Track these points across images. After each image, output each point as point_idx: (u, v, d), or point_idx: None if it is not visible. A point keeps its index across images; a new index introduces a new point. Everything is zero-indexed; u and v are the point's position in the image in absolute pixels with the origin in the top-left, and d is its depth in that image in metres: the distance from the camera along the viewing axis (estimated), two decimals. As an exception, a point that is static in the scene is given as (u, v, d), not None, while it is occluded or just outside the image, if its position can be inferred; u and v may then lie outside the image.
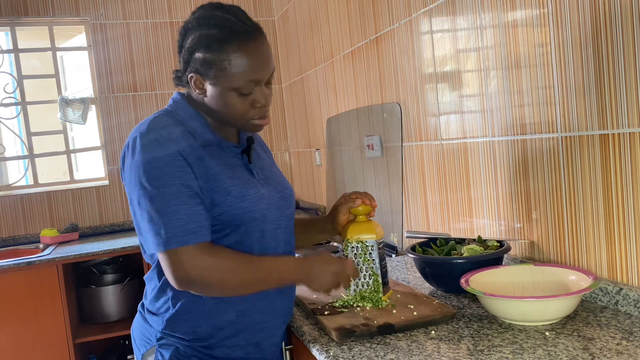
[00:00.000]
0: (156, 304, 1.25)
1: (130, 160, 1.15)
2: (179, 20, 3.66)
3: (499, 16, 1.57)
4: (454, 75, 1.83)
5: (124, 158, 1.19)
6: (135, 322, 1.35)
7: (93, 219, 3.53)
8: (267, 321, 1.27)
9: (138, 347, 1.30)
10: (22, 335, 2.78)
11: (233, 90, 1.16)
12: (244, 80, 1.15)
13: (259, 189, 1.23)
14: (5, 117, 3.51)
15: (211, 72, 1.15)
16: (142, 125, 1.20)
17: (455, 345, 1.14)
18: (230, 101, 1.17)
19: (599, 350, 1.04)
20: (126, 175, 1.17)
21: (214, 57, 1.13)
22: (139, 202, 1.13)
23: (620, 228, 1.26)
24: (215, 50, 1.13)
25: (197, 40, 1.15)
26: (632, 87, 1.18)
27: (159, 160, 1.12)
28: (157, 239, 1.11)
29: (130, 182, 1.15)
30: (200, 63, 1.15)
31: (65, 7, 3.46)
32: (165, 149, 1.13)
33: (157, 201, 1.11)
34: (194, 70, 1.17)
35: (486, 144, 1.69)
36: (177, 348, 1.22)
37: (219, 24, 1.14)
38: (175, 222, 1.10)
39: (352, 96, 2.66)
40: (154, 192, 1.11)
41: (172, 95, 1.29)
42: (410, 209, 2.20)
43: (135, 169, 1.14)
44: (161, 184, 1.11)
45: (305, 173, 3.59)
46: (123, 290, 3.11)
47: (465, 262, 1.43)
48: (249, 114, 1.20)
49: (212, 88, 1.17)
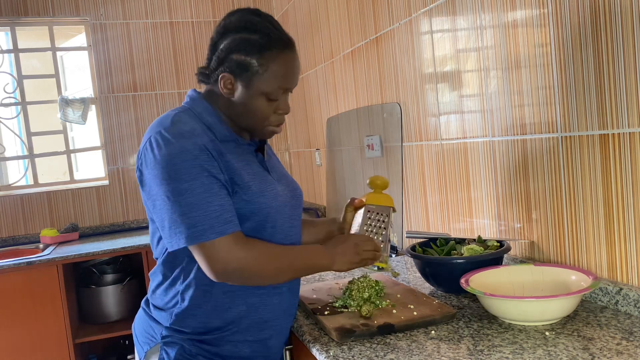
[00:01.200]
0: (164, 298, 1.24)
1: (155, 155, 1.14)
2: (179, 20, 3.66)
3: (499, 16, 1.57)
4: (454, 75, 1.83)
5: (143, 155, 1.18)
6: (138, 319, 1.33)
7: (93, 219, 3.53)
8: (276, 318, 1.27)
9: (141, 344, 1.28)
10: (22, 335, 2.78)
11: (263, 94, 1.20)
12: (276, 86, 1.20)
13: (275, 185, 1.26)
14: (5, 117, 3.51)
15: (246, 75, 1.19)
16: (163, 121, 1.19)
17: (455, 345, 1.14)
18: (257, 105, 1.21)
19: (599, 350, 1.04)
20: (149, 172, 1.16)
21: (252, 61, 1.18)
22: (167, 196, 1.12)
23: (620, 228, 1.26)
24: (254, 54, 1.17)
25: (237, 43, 1.18)
26: (632, 87, 1.18)
27: (186, 154, 1.12)
28: (191, 231, 1.10)
29: (156, 177, 1.14)
30: (236, 64, 1.18)
31: (65, 7, 3.46)
32: (191, 142, 1.13)
33: (189, 194, 1.10)
34: (228, 70, 1.20)
35: (486, 144, 1.69)
36: (182, 346, 1.21)
37: (259, 30, 1.19)
38: (211, 213, 1.10)
39: (352, 96, 2.66)
40: (185, 185, 1.11)
41: (187, 93, 1.30)
42: (410, 209, 2.20)
43: (161, 163, 1.13)
44: (191, 176, 1.11)
45: (305, 173, 3.59)
46: (123, 290, 3.11)
47: (465, 262, 1.43)
48: (270, 119, 1.24)
49: (243, 90, 1.20)
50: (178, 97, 3.68)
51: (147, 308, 1.30)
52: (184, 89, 3.69)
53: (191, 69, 3.70)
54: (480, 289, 1.27)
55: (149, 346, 1.25)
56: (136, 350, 1.32)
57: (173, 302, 1.22)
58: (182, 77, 3.68)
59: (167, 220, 1.13)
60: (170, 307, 1.23)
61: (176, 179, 1.11)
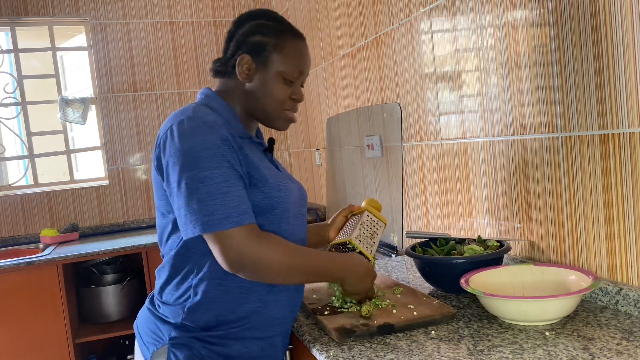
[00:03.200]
0: (175, 292, 1.22)
1: (176, 143, 1.14)
2: (179, 20, 3.66)
3: (499, 16, 1.57)
4: (454, 75, 1.83)
5: (162, 143, 1.17)
6: (142, 318, 1.31)
7: (93, 219, 3.54)
8: (284, 316, 1.27)
9: (146, 344, 1.26)
10: (22, 335, 2.78)
11: (280, 75, 1.25)
12: (293, 66, 1.26)
13: (288, 182, 1.28)
14: (5, 117, 3.51)
15: (263, 54, 1.24)
16: (184, 111, 1.19)
17: (455, 345, 1.14)
18: (274, 86, 1.25)
19: (599, 350, 1.04)
20: (169, 159, 1.15)
21: (270, 40, 1.24)
22: (186, 184, 1.11)
23: (620, 228, 1.26)
24: (271, 35, 1.25)
25: (254, 27, 1.26)
26: (632, 87, 1.18)
27: (208, 142, 1.12)
28: (208, 219, 1.09)
29: (176, 164, 1.13)
30: (254, 45, 1.25)
31: (65, 7, 3.46)
32: (214, 132, 1.14)
33: (208, 182, 1.10)
34: (247, 51, 1.25)
35: (486, 144, 1.69)
36: (191, 348, 1.19)
37: (274, 18, 1.28)
38: (228, 203, 1.10)
39: (352, 96, 2.66)
40: (205, 173, 1.10)
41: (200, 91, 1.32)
42: (410, 209, 2.20)
43: (182, 151, 1.12)
44: (212, 165, 1.11)
45: (305, 173, 3.59)
46: (123, 290, 3.11)
47: (465, 262, 1.43)
48: (286, 104, 1.28)
49: (261, 71, 1.25)
50: (178, 97, 3.68)
51: (152, 307, 1.28)
52: (184, 89, 3.69)
53: (191, 69, 3.70)
54: (480, 289, 1.27)
55: (156, 347, 1.22)
56: (139, 350, 1.28)
57: (185, 296, 1.21)
58: (182, 77, 3.68)
59: (184, 208, 1.12)
60: (181, 301, 1.21)
61: (196, 167, 1.11)
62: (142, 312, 1.33)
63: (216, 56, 3.72)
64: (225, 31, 1.34)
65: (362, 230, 1.42)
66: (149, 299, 1.32)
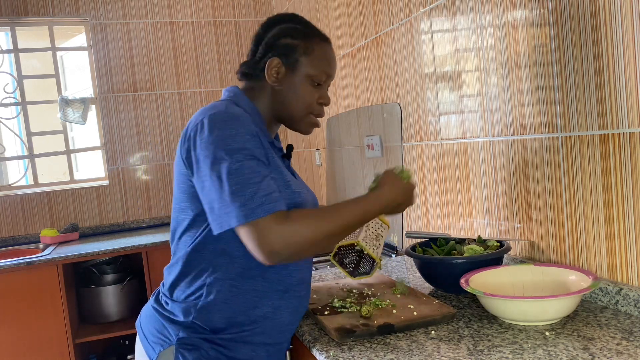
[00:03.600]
0: (187, 290, 1.21)
1: (208, 136, 1.13)
2: (179, 20, 3.66)
3: (499, 16, 1.57)
4: (454, 75, 1.83)
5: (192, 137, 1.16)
6: (147, 317, 1.29)
7: (93, 219, 3.53)
8: (292, 322, 1.27)
9: (151, 344, 1.24)
10: (22, 335, 2.78)
11: (308, 77, 1.26)
12: (321, 69, 1.27)
13: (305, 187, 1.29)
14: (5, 117, 3.51)
15: (293, 57, 1.26)
16: (215, 106, 1.19)
17: (455, 345, 1.14)
18: (302, 89, 1.27)
19: (599, 350, 1.04)
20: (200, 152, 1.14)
21: (300, 43, 1.26)
22: (217, 176, 1.10)
23: (620, 228, 1.26)
24: (301, 38, 1.27)
25: (283, 30, 1.27)
26: (632, 87, 1.18)
27: (239, 136, 1.13)
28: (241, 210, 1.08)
29: (207, 157, 1.12)
30: (284, 48, 1.26)
31: (65, 7, 3.46)
32: (244, 127, 1.14)
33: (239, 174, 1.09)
34: (277, 54, 1.26)
35: (486, 144, 1.69)
36: (199, 349, 1.18)
37: (302, 22, 1.31)
38: (260, 192, 1.09)
39: (352, 96, 2.66)
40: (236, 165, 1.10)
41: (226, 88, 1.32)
42: (410, 209, 2.20)
43: (214, 144, 1.12)
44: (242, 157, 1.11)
45: (305, 173, 3.59)
46: (123, 290, 3.11)
47: (465, 262, 1.43)
48: (313, 107, 1.29)
49: (290, 74, 1.26)
50: (178, 97, 3.68)
51: (158, 306, 1.26)
52: (184, 89, 3.69)
53: (191, 69, 3.70)
54: (480, 289, 1.27)
55: (162, 347, 1.21)
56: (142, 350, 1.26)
57: (197, 294, 1.20)
58: (182, 77, 3.68)
59: (217, 201, 1.10)
60: (193, 299, 1.20)
61: (231, 158, 1.10)
62: (146, 310, 1.31)
63: (216, 56, 3.73)
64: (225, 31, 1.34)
65: (367, 232, 1.43)
66: (154, 297, 1.30)
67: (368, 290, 1.52)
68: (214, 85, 3.74)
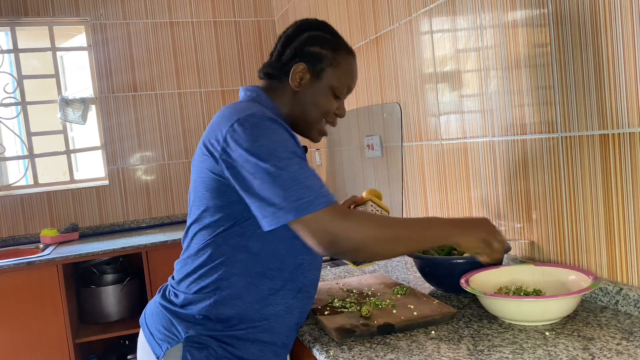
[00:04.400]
0: (202, 282, 1.20)
1: (248, 135, 1.12)
2: (179, 20, 3.66)
3: (499, 16, 1.57)
4: (454, 75, 1.83)
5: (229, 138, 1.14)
6: (152, 314, 1.28)
7: (93, 219, 3.53)
8: (299, 322, 1.28)
9: (157, 342, 1.23)
10: (22, 335, 2.78)
11: (330, 88, 1.29)
12: (343, 82, 1.30)
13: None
14: (5, 117, 3.51)
15: (320, 66, 1.28)
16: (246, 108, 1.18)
17: (455, 345, 1.14)
18: (323, 98, 1.29)
19: (599, 350, 1.04)
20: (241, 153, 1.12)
21: (327, 54, 1.29)
22: (267, 173, 1.09)
23: (620, 228, 1.26)
24: (329, 49, 1.29)
25: (314, 38, 1.29)
26: (632, 87, 1.18)
27: (279, 133, 1.14)
28: (298, 203, 1.07)
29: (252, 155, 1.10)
30: (311, 55, 1.28)
31: (65, 7, 3.46)
32: (281, 126, 1.16)
33: (290, 169, 1.09)
34: (304, 60, 1.27)
35: (486, 144, 1.69)
36: (207, 348, 1.18)
37: (332, 33, 1.33)
38: (312, 185, 1.09)
39: (352, 96, 2.66)
40: (284, 161, 1.10)
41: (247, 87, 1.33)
42: (410, 209, 2.20)
43: (257, 142, 1.11)
44: (288, 154, 1.11)
45: (305, 173, 3.59)
46: (123, 290, 3.11)
47: (465, 262, 1.43)
48: (329, 117, 1.32)
49: (312, 81, 1.28)
50: (178, 97, 3.68)
51: (166, 302, 1.25)
52: (184, 89, 3.69)
53: (191, 69, 3.70)
54: (480, 289, 1.27)
55: (170, 345, 1.20)
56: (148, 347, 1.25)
57: (212, 287, 1.19)
58: (182, 77, 3.68)
59: (269, 198, 1.09)
60: (208, 291, 1.19)
61: (274, 156, 1.10)
62: (152, 307, 1.29)
63: (216, 56, 3.73)
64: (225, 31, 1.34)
65: None
66: (161, 293, 1.30)
67: (368, 290, 1.52)
68: (214, 85, 3.74)
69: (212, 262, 1.20)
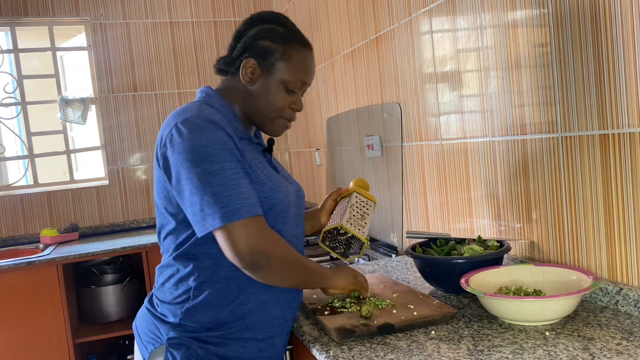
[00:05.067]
0: (175, 291, 1.22)
1: (185, 139, 1.13)
2: (179, 20, 3.66)
3: (499, 16, 1.57)
4: (454, 75, 1.83)
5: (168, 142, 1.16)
6: (141, 318, 1.31)
7: (93, 219, 3.54)
8: (284, 316, 1.27)
9: (144, 344, 1.26)
10: (22, 335, 2.78)
11: (282, 83, 1.25)
12: (296, 76, 1.25)
13: (285, 183, 1.28)
14: (5, 117, 3.51)
15: (269, 60, 1.24)
16: (188, 109, 1.19)
17: (455, 345, 1.14)
18: (275, 93, 1.25)
19: (599, 350, 1.04)
20: (177, 157, 1.13)
21: (278, 48, 1.24)
22: (198, 178, 1.10)
23: (620, 228, 1.26)
24: (280, 42, 1.24)
25: (264, 31, 1.25)
26: (632, 87, 1.18)
27: (216, 138, 1.13)
28: (225, 210, 1.08)
29: (185, 160, 1.12)
30: (261, 50, 1.24)
31: (65, 7, 3.46)
32: (220, 129, 1.15)
33: (220, 175, 1.10)
34: (253, 55, 1.24)
35: (486, 144, 1.69)
36: (188, 348, 1.19)
37: (285, 25, 1.27)
38: (242, 193, 1.11)
39: (352, 96, 2.66)
40: (216, 166, 1.11)
41: (200, 89, 1.32)
42: (410, 209, 2.20)
43: (191, 147, 1.12)
44: (222, 158, 1.12)
45: (305, 173, 3.59)
46: (123, 290, 3.11)
47: (465, 262, 1.43)
48: (285, 113, 1.28)
49: (265, 76, 1.25)
50: (178, 97, 3.68)
51: (151, 307, 1.28)
52: (184, 89, 3.69)
53: (191, 69, 3.70)
54: (480, 289, 1.27)
55: (154, 346, 1.23)
56: (138, 350, 1.29)
57: (184, 297, 1.21)
58: (182, 77, 3.68)
59: (198, 203, 1.11)
60: (180, 301, 1.21)
61: (207, 161, 1.11)
62: (141, 312, 1.33)
63: (216, 56, 3.72)
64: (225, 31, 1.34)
65: (352, 212, 1.43)
66: (148, 298, 1.32)
67: (368, 290, 1.52)
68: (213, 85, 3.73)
69: (181, 272, 1.22)
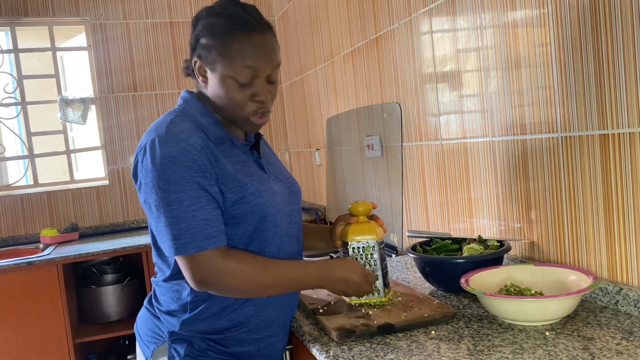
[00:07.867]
0: (171, 305, 1.23)
1: (148, 163, 1.12)
2: (179, 20, 3.66)
3: (499, 16, 1.57)
4: (454, 75, 1.83)
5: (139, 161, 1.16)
6: (142, 319, 1.32)
7: (93, 219, 3.53)
8: (281, 315, 1.28)
9: (146, 344, 1.27)
10: (22, 335, 2.78)
11: (230, 78, 1.17)
12: (239, 67, 1.16)
13: (272, 184, 1.24)
14: (5, 117, 3.51)
15: (211, 57, 1.17)
16: (158, 127, 1.17)
17: (455, 345, 1.14)
18: (228, 90, 1.17)
19: (599, 350, 1.04)
20: (141, 179, 1.15)
21: (215, 42, 1.16)
22: (156, 206, 1.12)
23: (620, 228, 1.26)
24: (217, 36, 1.16)
25: (205, 27, 1.18)
26: (632, 87, 1.18)
27: (177, 164, 1.11)
28: (175, 243, 1.11)
29: (147, 185, 1.13)
30: (203, 48, 1.18)
31: (65, 7, 3.46)
32: (184, 153, 1.11)
33: (175, 206, 1.10)
34: (198, 55, 1.20)
35: (486, 144, 1.69)
36: (191, 342, 1.21)
37: (225, 14, 1.17)
38: (194, 227, 1.10)
39: (352, 96, 2.66)
40: (172, 196, 1.10)
41: (180, 94, 1.29)
42: (410, 209, 2.20)
43: (153, 172, 1.11)
44: (179, 188, 1.10)
45: (305, 173, 3.59)
46: (123, 290, 3.11)
47: (465, 262, 1.43)
48: (248, 107, 1.19)
49: (212, 75, 1.19)
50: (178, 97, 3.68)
51: (151, 308, 1.29)
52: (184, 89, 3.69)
53: (191, 69, 3.70)
54: (480, 289, 1.27)
55: (156, 345, 1.23)
56: (140, 351, 1.29)
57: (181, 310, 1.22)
58: (182, 77, 3.68)
59: (155, 229, 1.15)
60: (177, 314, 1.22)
61: (165, 190, 1.11)
62: (141, 313, 1.34)
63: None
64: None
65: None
66: (147, 299, 1.33)
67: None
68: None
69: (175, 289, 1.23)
